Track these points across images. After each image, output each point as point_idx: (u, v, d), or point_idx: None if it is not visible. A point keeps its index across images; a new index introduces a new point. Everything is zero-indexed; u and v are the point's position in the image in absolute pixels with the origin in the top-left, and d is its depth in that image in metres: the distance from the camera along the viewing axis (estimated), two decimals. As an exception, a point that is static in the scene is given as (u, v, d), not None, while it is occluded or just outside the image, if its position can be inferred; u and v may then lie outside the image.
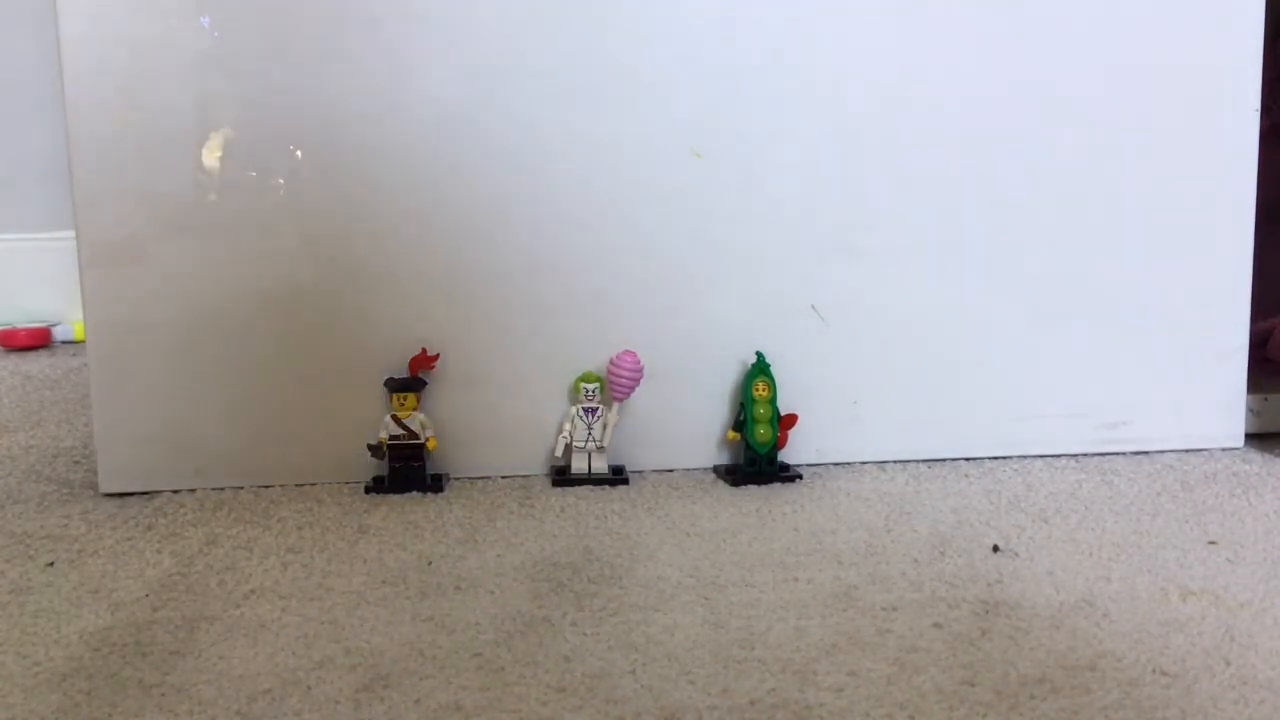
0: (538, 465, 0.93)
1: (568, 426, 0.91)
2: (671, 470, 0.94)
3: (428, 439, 0.89)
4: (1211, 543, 0.76)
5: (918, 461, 0.96)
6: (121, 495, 0.89)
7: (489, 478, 0.92)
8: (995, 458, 0.97)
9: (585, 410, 0.90)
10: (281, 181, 0.88)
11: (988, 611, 0.64)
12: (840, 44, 0.92)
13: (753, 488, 0.90)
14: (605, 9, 0.90)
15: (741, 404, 0.92)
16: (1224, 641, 0.60)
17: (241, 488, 0.90)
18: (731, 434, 0.93)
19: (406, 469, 0.88)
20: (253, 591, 0.69)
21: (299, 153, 0.88)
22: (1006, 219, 0.96)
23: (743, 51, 0.91)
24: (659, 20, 0.90)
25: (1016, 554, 0.74)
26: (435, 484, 0.89)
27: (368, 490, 0.89)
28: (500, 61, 0.89)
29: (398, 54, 0.88)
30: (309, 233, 0.89)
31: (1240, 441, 1.00)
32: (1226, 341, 0.99)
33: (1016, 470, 0.94)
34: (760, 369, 0.91)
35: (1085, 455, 0.98)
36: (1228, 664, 0.58)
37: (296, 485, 0.90)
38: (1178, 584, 0.69)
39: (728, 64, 0.91)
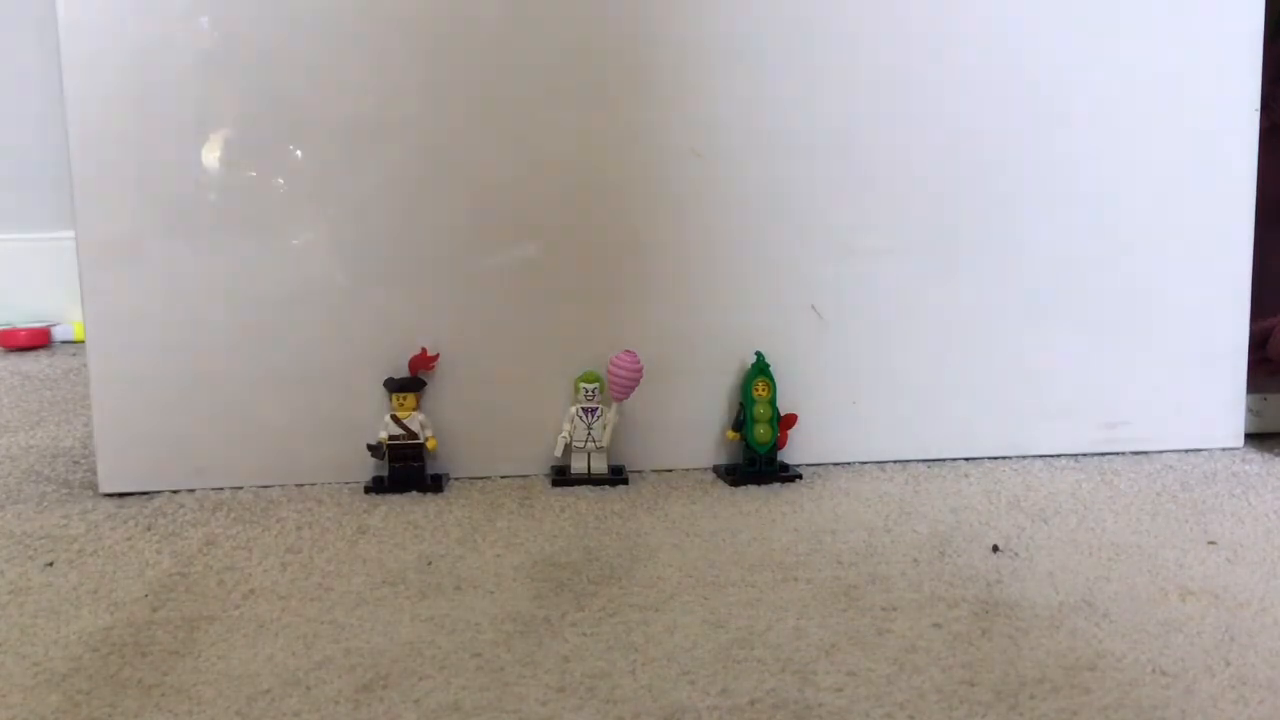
0: (538, 465, 0.93)
1: (568, 426, 0.91)
2: (671, 470, 0.94)
3: (428, 439, 0.89)
4: (1211, 543, 0.76)
5: (918, 461, 0.96)
6: (121, 495, 0.88)
7: (489, 478, 0.92)
8: (995, 458, 0.97)
9: (585, 410, 0.90)
10: (281, 181, 0.88)
11: (988, 611, 0.64)
12: (841, 42, 0.92)
13: (753, 488, 0.90)
14: (606, 7, 0.90)
15: (741, 404, 0.92)
16: (1224, 641, 0.60)
17: (241, 488, 0.90)
18: (731, 434, 0.93)
19: (406, 469, 0.88)
20: (253, 591, 0.69)
21: (299, 153, 0.88)
22: (1006, 219, 0.96)
23: (742, 50, 0.91)
24: (659, 18, 0.90)
25: (1016, 554, 0.74)
26: (435, 484, 0.89)
27: (368, 490, 0.89)
28: (499, 60, 0.89)
29: (397, 53, 0.88)
30: (308, 233, 0.89)
31: (1240, 441, 1.00)
32: (1226, 341, 0.99)
33: (1016, 470, 0.94)
34: (760, 369, 0.91)
35: (1085, 455, 0.98)
36: (1228, 664, 0.58)
37: (296, 485, 0.90)
38: (1178, 584, 0.69)
39: (728, 63, 0.91)
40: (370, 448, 0.89)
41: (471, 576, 0.71)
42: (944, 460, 0.97)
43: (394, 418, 0.88)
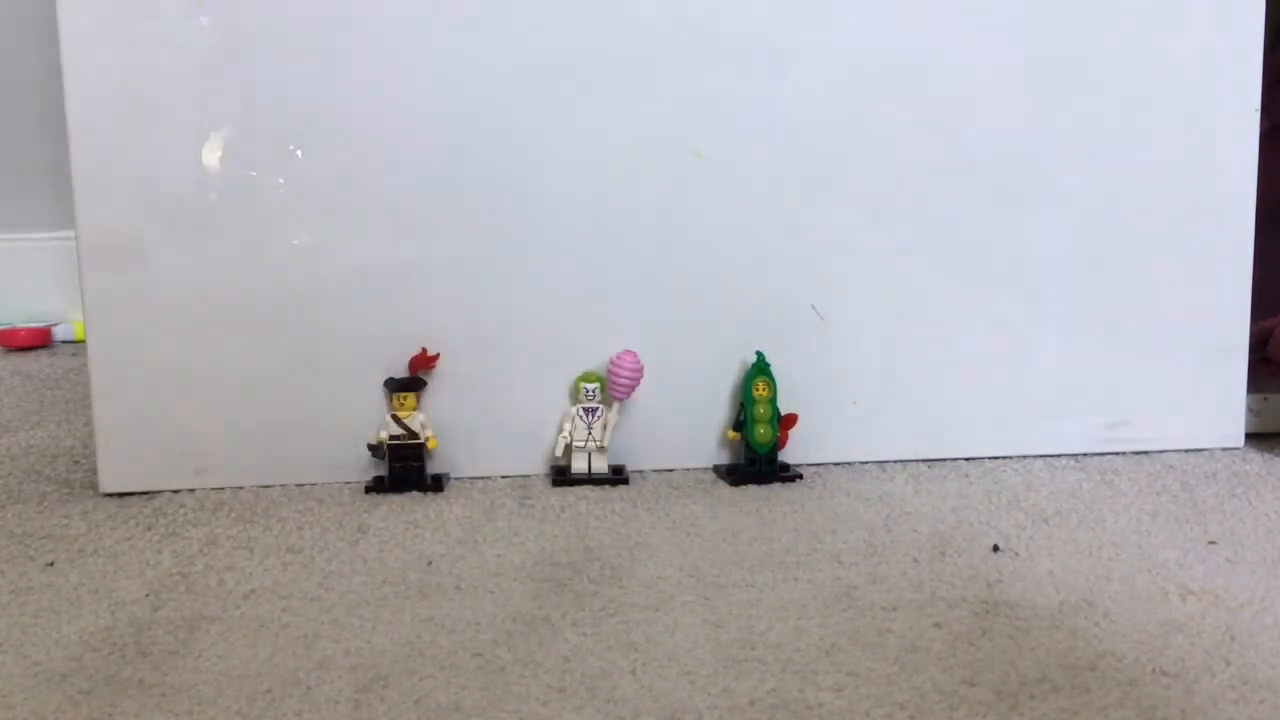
0: (538, 465, 0.93)
1: (568, 426, 0.91)
2: (671, 470, 0.94)
3: (428, 439, 0.89)
4: (1211, 543, 0.76)
5: (918, 461, 0.96)
6: (121, 495, 0.89)
7: (489, 478, 0.92)
8: (995, 458, 0.97)
9: (585, 410, 0.90)
10: (281, 181, 0.88)
11: (988, 611, 0.64)
12: (841, 43, 0.92)
13: (753, 488, 0.90)
14: (606, 7, 0.90)
15: (741, 404, 0.92)
16: (1224, 641, 0.60)
17: (241, 488, 0.90)
18: (731, 434, 0.93)
19: (406, 469, 0.88)
20: (253, 591, 0.69)
21: (299, 153, 0.88)
22: (1006, 219, 0.96)
23: (743, 50, 0.91)
24: (659, 18, 0.90)
25: (1016, 554, 0.74)
26: (435, 484, 0.89)
27: (368, 490, 0.89)
28: (500, 60, 0.89)
29: (398, 53, 0.88)
30: (309, 233, 0.89)
31: (1240, 441, 1.00)
32: (1226, 341, 0.99)
33: (1016, 470, 0.94)
34: (760, 369, 0.91)
35: (1085, 455, 0.98)
36: (1228, 664, 0.58)
37: (296, 485, 0.90)
38: (1178, 584, 0.69)
39: (728, 63, 0.91)
40: (370, 448, 0.90)
41: (471, 576, 0.71)
42: (944, 460, 0.97)
43: (394, 417, 0.88)
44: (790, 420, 0.93)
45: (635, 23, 0.90)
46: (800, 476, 0.92)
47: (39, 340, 1.65)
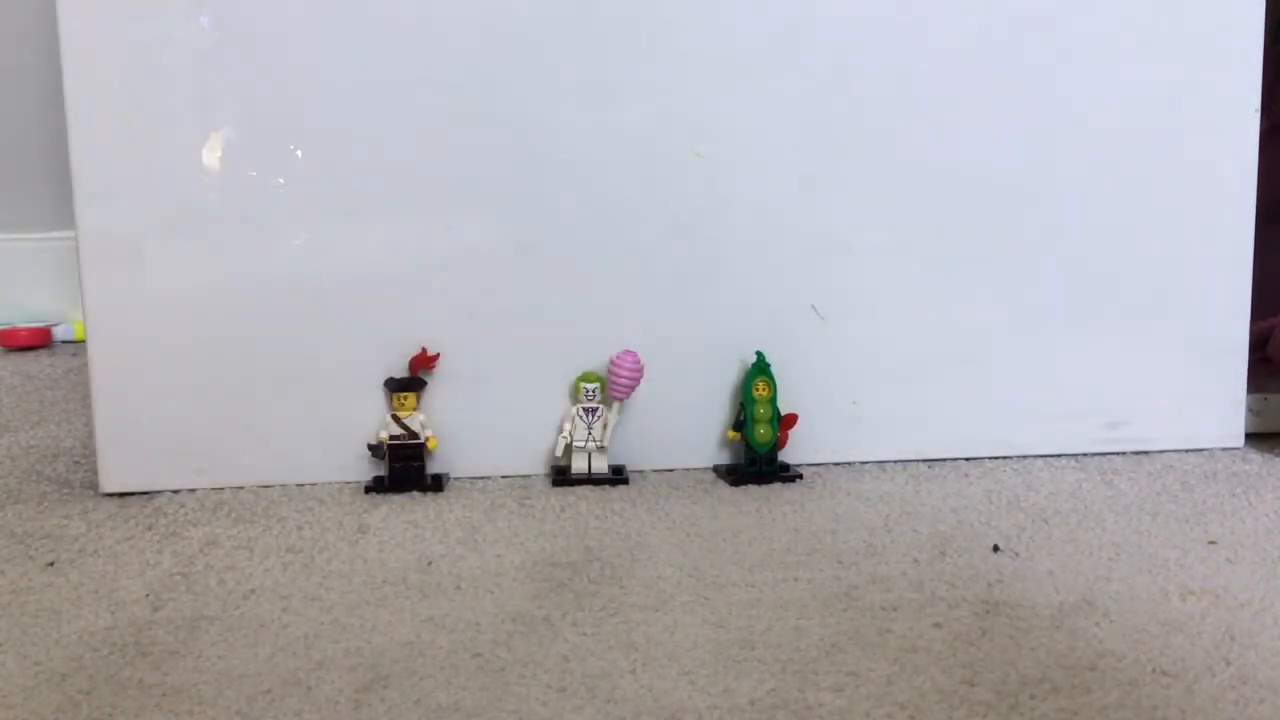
0: (538, 465, 0.93)
1: (568, 426, 0.91)
2: (671, 470, 0.94)
3: (428, 439, 0.89)
4: (1211, 543, 0.76)
5: (918, 461, 0.96)
6: (121, 495, 0.89)
7: (489, 478, 0.92)
8: (995, 458, 0.97)
9: (585, 410, 0.90)
10: (281, 181, 0.88)
11: (988, 611, 0.64)
12: (841, 42, 0.92)
13: (753, 488, 0.90)
14: (604, 8, 0.90)
15: (741, 404, 0.92)
16: (1224, 641, 0.60)
17: (241, 488, 0.90)
18: (731, 434, 0.93)
19: (406, 469, 0.88)
20: (253, 591, 0.69)
21: (299, 153, 0.88)
22: (1006, 219, 0.96)
23: (742, 50, 0.91)
24: (658, 19, 0.90)
25: (1016, 554, 0.74)
26: (435, 484, 0.89)
27: (368, 490, 0.89)
28: (500, 60, 0.89)
29: (398, 52, 0.88)
30: (309, 232, 0.89)
31: (1240, 441, 1.00)
32: (1226, 341, 0.99)
33: (1016, 470, 0.94)
34: (760, 369, 0.91)
35: (1085, 455, 0.98)
36: (1228, 664, 0.58)
37: (296, 485, 0.90)
38: (1178, 584, 0.69)
39: (728, 64, 0.91)
40: (370, 448, 0.90)
41: (471, 576, 0.71)
42: (944, 460, 0.97)
43: (394, 417, 0.88)
44: (790, 420, 0.93)
45: (634, 23, 0.90)
46: (800, 476, 0.92)
47: (39, 340, 1.65)
